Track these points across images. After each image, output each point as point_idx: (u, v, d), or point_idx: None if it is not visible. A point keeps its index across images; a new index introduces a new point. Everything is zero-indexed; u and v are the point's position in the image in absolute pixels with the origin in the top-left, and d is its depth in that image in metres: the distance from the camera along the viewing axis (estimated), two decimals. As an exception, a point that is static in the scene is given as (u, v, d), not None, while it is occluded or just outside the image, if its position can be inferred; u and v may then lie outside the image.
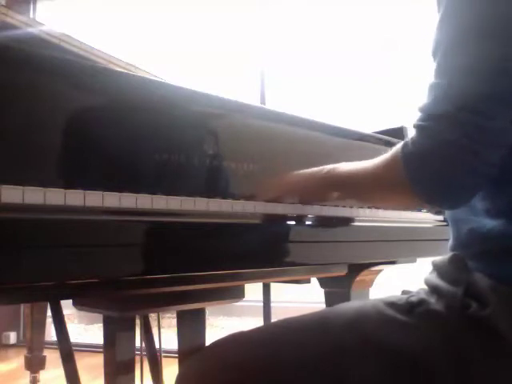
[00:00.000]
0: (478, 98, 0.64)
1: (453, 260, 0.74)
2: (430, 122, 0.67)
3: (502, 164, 0.66)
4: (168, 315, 3.16)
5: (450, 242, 0.78)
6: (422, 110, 0.69)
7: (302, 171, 0.91)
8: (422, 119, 0.68)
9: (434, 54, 0.69)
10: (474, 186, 0.68)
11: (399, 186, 0.71)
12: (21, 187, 0.56)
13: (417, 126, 0.69)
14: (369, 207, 1.06)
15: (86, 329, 4.16)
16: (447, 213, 0.80)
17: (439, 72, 0.68)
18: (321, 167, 0.88)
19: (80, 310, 1.00)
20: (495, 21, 0.65)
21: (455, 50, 0.67)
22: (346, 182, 0.84)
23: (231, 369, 0.71)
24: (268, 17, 3.06)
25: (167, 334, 2.23)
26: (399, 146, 0.71)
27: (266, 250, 0.79)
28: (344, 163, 0.85)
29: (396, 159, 0.71)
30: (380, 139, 1.31)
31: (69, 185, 0.61)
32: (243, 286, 1.09)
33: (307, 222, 0.90)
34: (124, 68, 1.20)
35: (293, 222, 0.87)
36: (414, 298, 0.73)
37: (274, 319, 2.63)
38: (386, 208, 1.03)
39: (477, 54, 0.65)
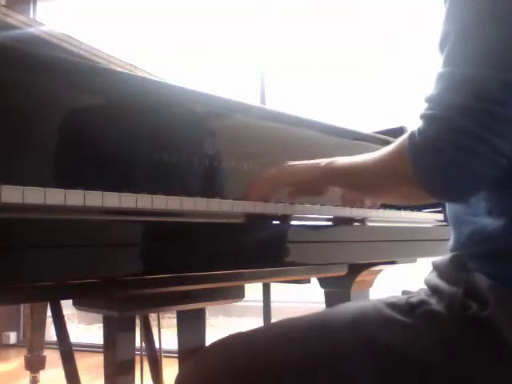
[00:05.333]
0: (492, 86, 0.62)
1: (453, 260, 0.73)
2: (441, 111, 0.64)
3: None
4: (168, 315, 3.16)
5: (451, 243, 0.78)
6: (430, 99, 0.66)
7: (296, 163, 0.88)
8: (430, 108, 0.66)
9: (442, 45, 0.67)
10: (485, 178, 0.65)
11: (404, 178, 0.69)
12: (21, 187, 0.56)
13: (425, 116, 0.66)
14: (369, 207, 1.06)
15: (85, 329, 4.16)
16: (448, 214, 0.79)
17: (449, 60, 0.66)
18: (316, 160, 0.85)
19: (80, 310, 1.00)
20: (506, 7, 0.63)
21: (466, 37, 0.65)
22: (348, 175, 0.82)
23: (231, 369, 0.71)
24: (268, 16, 3.06)
25: (167, 334, 2.23)
26: (405, 136, 0.69)
27: (266, 250, 0.79)
28: (340, 157, 0.83)
29: (402, 150, 0.68)
30: (380, 139, 1.31)
31: (69, 185, 0.61)
32: (243, 286, 1.09)
33: (307, 222, 0.90)
34: (124, 68, 1.20)
35: (293, 222, 0.87)
36: (414, 299, 0.73)
37: (274, 319, 2.63)
38: (388, 202, 1.01)
39: (489, 41, 0.63)
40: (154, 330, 1.59)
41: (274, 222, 0.85)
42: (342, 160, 0.82)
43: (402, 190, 0.75)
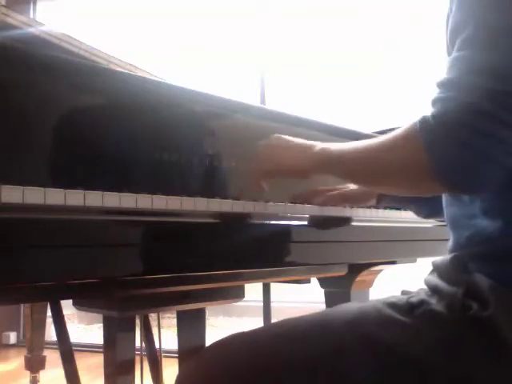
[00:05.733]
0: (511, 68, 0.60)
1: (453, 260, 0.73)
2: (459, 93, 0.60)
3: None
4: (168, 315, 3.16)
5: (450, 244, 0.78)
6: (444, 83, 0.63)
7: (288, 144, 0.81)
8: (446, 91, 0.62)
9: (457, 32, 0.65)
10: (505, 167, 0.61)
11: (417, 168, 0.64)
12: (21, 187, 0.56)
13: (440, 99, 0.62)
14: (369, 207, 1.06)
15: (85, 329, 4.16)
16: (446, 216, 0.79)
17: (467, 44, 0.63)
18: (308, 143, 0.79)
19: (80, 310, 1.00)
20: None
21: (483, 22, 0.63)
22: (348, 164, 0.75)
23: (231, 369, 0.71)
24: (268, 16, 3.05)
25: (167, 334, 2.23)
26: (414, 122, 0.64)
27: (265, 250, 0.79)
28: (333, 143, 0.77)
29: (413, 137, 0.63)
30: (380, 139, 1.30)
31: (69, 185, 0.61)
32: (243, 285, 1.09)
33: (307, 222, 0.89)
34: (124, 68, 1.20)
35: (293, 222, 0.87)
36: (414, 299, 0.73)
37: (274, 319, 2.63)
38: (389, 192, 0.96)
39: (506, 26, 0.61)
40: (154, 330, 1.59)
41: (274, 222, 0.85)
42: (336, 146, 0.76)
43: (412, 181, 0.69)
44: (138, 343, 1.07)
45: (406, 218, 1.16)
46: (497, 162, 0.60)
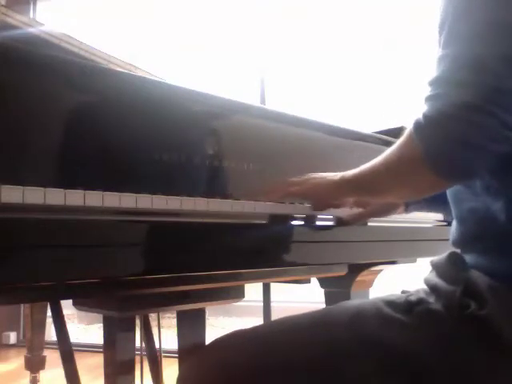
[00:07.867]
0: (492, 60, 0.62)
1: (451, 258, 0.74)
2: (445, 88, 0.65)
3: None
4: (168, 315, 3.16)
5: (452, 227, 0.78)
6: (432, 81, 0.66)
7: (312, 176, 0.88)
8: (434, 89, 0.66)
9: (441, 27, 0.68)
10: (494, 153, 0.64)
11: (415, 164, 0.67)
12: (21, 187, 0.56)
13: (428, 97, 0.66)
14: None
15: (85, 329, 4.16)
16: (448, 193, 0.79)
17: (448, 42, 0.66)
18: (331, 173, 0.85)
19: (80, 310, 1.00)
20: None
21: (463, 17, 0.65)
22: (362, 179, 0.79)
23: (232, 367, 0.71)
24: (268, 16, 3.05)
25: (167, 334, 2.23)
26: (411, 124, 0.68)
27: (266, 250, 0.79)
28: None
29: (409, 138, 0.68)
30: (380, 139, 1.30)
31: (69, 185, 0.61)
32: (243, 286, 1.09)
33: (307, 222, 0.89)
34: (124, 68, 1.20)
35: (293, 222, 0.87)
36: (412, 298, 0.73)
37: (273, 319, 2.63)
38: (402, 198, 0.97)
39: (485, 18, 0.64)
40: (154, 330, 1.59)
41: (274, 222, 0.85)
42: (352, 171, 0.81)
43: (416, 179, 0.71)
44: (138, 343, 1.07)
45: (406, 217, 1.16)
46: (484, 150, 0.63)
